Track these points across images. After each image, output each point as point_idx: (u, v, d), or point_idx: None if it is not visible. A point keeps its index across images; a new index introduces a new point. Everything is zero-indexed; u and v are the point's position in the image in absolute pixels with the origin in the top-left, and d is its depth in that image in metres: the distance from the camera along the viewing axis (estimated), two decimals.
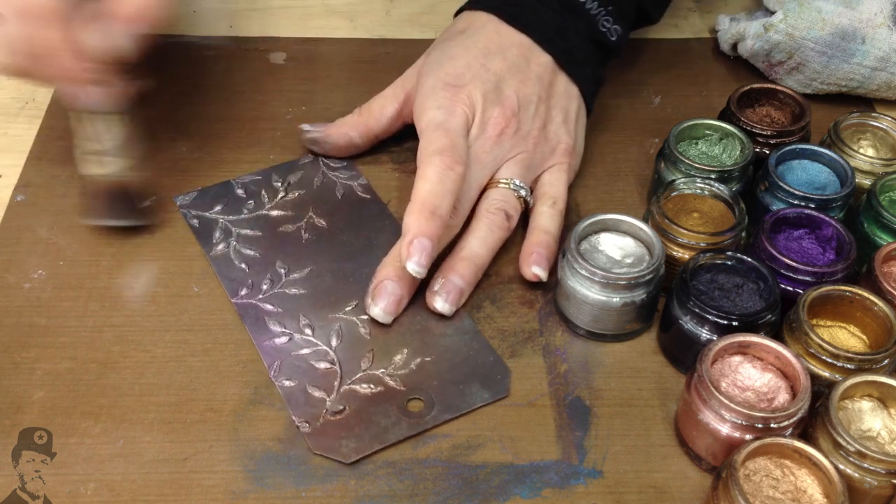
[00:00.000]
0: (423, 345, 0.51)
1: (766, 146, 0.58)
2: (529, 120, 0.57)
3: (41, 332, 0.51)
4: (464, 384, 0.49)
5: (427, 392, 0.48)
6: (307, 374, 0.49)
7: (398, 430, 0.47)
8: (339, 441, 0.46)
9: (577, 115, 0.60)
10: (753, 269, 0.49)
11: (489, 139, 0.55)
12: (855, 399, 0.45)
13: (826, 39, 0.63)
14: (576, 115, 0.60)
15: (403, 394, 0.48)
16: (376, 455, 0.46)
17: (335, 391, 0.48)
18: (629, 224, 0.52)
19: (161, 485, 0.45)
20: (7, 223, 0.57)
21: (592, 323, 0.51)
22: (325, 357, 0.50)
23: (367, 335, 0.51)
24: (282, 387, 0.49)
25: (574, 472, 0.46)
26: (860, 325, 0.49)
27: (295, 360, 0.50)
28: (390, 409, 0.48)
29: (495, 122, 0.56)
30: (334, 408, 0.48)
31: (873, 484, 0.42)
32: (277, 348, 0.50)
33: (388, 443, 0.46)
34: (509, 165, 0.56)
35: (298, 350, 0.50)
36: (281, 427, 0.47)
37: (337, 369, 0.49)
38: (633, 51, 0.72)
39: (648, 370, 0.51)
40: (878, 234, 0.53)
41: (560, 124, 0.58)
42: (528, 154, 0.56)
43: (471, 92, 0.56)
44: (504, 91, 0.56)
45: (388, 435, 0.47)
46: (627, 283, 0.49)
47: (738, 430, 0.43)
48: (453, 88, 0.56)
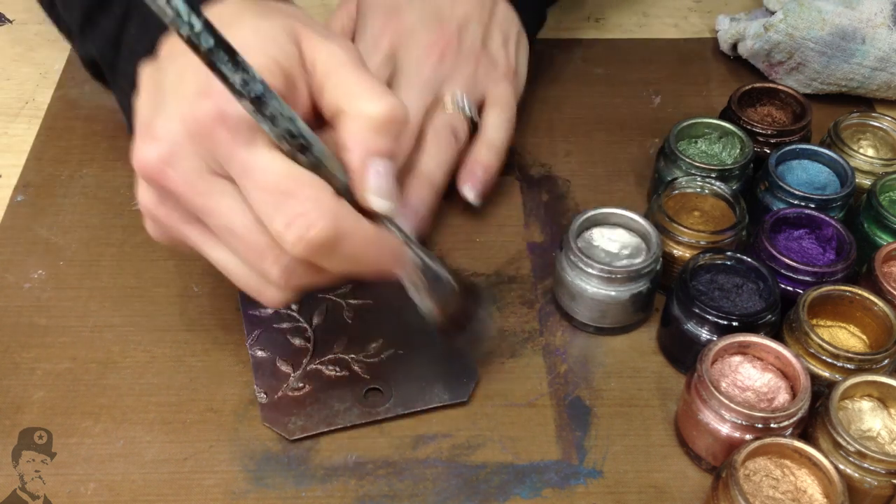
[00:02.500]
0: (400, 337, 0.51)
1: (767, 146, 0.58)
2: (470, 39, 0.57)
3: (41, 332, 0.51)
4: (426, 382, 0.49)
5: (388, 384, 0.49)
6: (281, 348, 0.50)
7: (349, 416, 0.47)
8: (289, 417, 0.47)
9: (517, 40, 0.60)
10: (753, 269, 0.49)
11: (429, 60, 0.56)
12: (855, 399, 0.45)
13: (826, 39, 0.63)
14: (516, 41, 0.60)
15: (365, 382, 0.49)
16: (376, 455, 0.46)
17: (301, 368, 0.49)
18: (619, 216, 0.52)
19: (161, 485, 0.45)
20: (7, 223, 0.57)
21: (600, 318, 0.51)
22: (302, 334, 0.50)
23: (349, 319, 0.52)
24: (254, 356, 0.49)
25: (574, 472, 0.46)
26: (860, 325, 0.49)
27: (273, 333, 0.50)
28: (347, 395, 0.48)
29: (434, 43, 0.56)
30: (295, 384, 0.48)
31: (873, 484, 0.42)
32: (260, 318, 0.51)
33: (335, 427, 0.47)
34: (453, 84, 0.56)
35: (280, 323, 0.51)
36: None
37: (310, 347, 0.50)
38: (634, 51, 0.72)
39: (648, 370, 0.51)
40: (878, 234, 0.53)
41: (500, 46, 0.59)
42: (471, 72, 0.57)
43: (405, 17, 0.56)
44: (444, 12, 0.57)
45: (337, 419, 0.47)
46: (637, 273, 0.49)
47: (738, 430, 0.43)
48: (385, 16, 0.57)
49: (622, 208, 0.52)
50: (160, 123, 0.39)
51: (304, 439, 0.46)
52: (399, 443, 0.47)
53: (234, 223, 0.39)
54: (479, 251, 0.56)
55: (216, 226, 0.40)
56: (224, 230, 0.40)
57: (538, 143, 0.64)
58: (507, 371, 0.50)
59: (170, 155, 0.39)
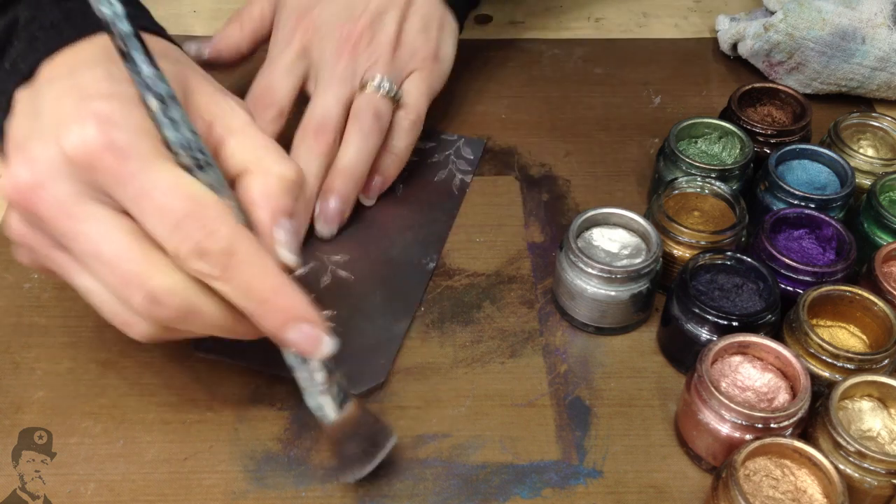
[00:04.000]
0: (348, 317, 0.51)
1: (767, 145, 0.58)
2: (384, 30, 0.58)
3: (41, 332, 0.51)
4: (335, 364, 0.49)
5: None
6: None
7: (252, 358, 0.48)
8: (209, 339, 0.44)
9: (439, 23, 0.61)
10: (753, 269, 0.49)
11: (342, 56, 0.57)
12: (855, 399, 0.45)
13: (826, 39, 0.63)
14: (438, 24, 0.60)
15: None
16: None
17: None
18: (619, 216, 0.52)
19: (161, 485, 0.45)
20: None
21: (600, 318, 0.51)
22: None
23: (326, 282, 0.53)
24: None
25: (574, 472, 0.46)
26: (860, 325, 0.49)
27: None
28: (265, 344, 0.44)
29: (345, 38, 0.57)
30: None
31: (873, 484, 0.42)
32: None
33: (231, 361, 0.49)
34: (372, 70, 0.57)
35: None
36: (281, 427, 0.47)
37: None
38: (634, 51, 0.72)
39: (648, 370, 0.51)
40: (878, 234, 0.53)
41: (419, 31, 0.59)
42: (387, 61, 0.57)
43: (317, 15, 0.58)
44: (356, 6, 0.58)
45: (239, 355, 0.48)
46: (637, 273, 0.49)
47: (738, 430, 0.43)
48: (297, 15, 0.58)
49: (622, 208, 0.52)
50: (35, 146, 0.38)
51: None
52: (399, 443, 0.47)
53: (102, 249, 0.38)
54: (479, 251, 0.56)
55: (82, 251, 0.39)
56: (90, 256, 0.39)
57: (538, 143, 0.64)
58: (507, 371, 0.50)
59: (43, 178, 0.38)
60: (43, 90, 0.40)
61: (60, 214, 0.38)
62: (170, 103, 0.38)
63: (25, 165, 0.38)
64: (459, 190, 0.60)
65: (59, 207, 0.38)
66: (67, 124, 0.37)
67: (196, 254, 0.37)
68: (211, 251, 0.37)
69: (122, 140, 0.37)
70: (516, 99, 0.67)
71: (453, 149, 0.63)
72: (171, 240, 0.37)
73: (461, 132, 0.64)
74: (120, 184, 0.37)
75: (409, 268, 0.55)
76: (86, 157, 0.37)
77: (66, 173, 0.38)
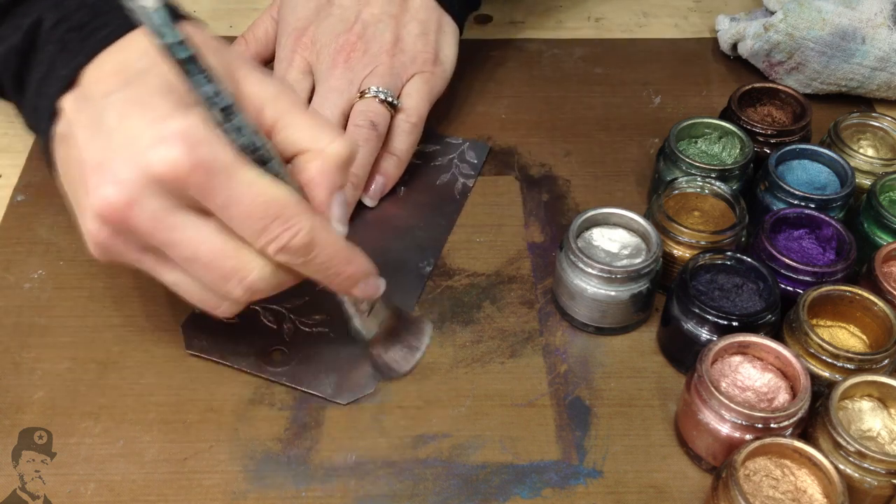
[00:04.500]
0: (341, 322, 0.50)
1: (767, 145, 0.58)
2: (378, 38, 0.58)
3: (41, 332, 0.51)
4: (324, 370, 0.49)
5: (295, 353, 0.50)
6: None
7: (243, 361, 0.49)
8: (200, 334, 0.48)
9: (437, 27, 0.61)
10: (753, 269, 0.49)
11: (338, 67, 0.57)
12: (855, 399, 0.45)
13: (826, 39, 0.63)
14: (437, 27, 0.61)
15: (280, 342, 0.50)
16: (376, 455, 0.46)
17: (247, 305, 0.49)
18: (619, 216, 0.52)
19: (161, 485, 0.45)
20: (7, 223, 0.57)
21: (600, 318, 0.51)
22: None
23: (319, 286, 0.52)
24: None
25: (574, 472, 0.46)
26: (860, 325, 0.49)
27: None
28: (257, 343, 0.49)
29: (338, 50, 0.58)
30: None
31: (873, 484, 0.42)
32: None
33: (223, 362, 0.49)
34: (369, 79, 0.58)
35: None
36: (281, 427, 0.47)
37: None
38: (634, 51, 0.72)
39: (648, 370, 0.51)
40: (878, 234, 0.53)
41: (417, 36, 0.60)
42: (385, 66, 0.58)
43: (313, 32, 0.59)
44: (349, 19, 0.59)
45: (231, 358, 0.49)
46: (637, 273, 0.49)
47: (738, 430, 0.43)
48: (295, 34, 0.59)
49: (622, 208, 0.52)
50: (119, 168, 0.39)
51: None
52: (399, 443, 0.47)
53: (199, 253, 0.40)
54: (479, 251, 0.56)
55: (179, 256, 0.41)
56: (187, 259, 0.41)
57: (538, 143, 0.64)
58: (507, 371, 0.50)
59: (135, 197, 0.39)
60: (102, 106, 0.40)
61: (156, 228, 0.40)
62: (232, 113, 0.39)
63: (114, 186, 0.39)
64: (461, 194, 0.60)
65: (154, 222, 0.40)
66: (150, 146, 0.38)
67: (282, 251, 0.41)
68: (295, 247, 0.41)
69: (206, 156, 0.38)
70: (516, 99, 0.67)
71: (457, 152, 0.63)
72: (260, 240, 0.40)
73: (461, 132, 0.64)
74: (209, 195, 0.39)
75: (405, 271, 0.55)
76: (175, 176, 0.38)
77: (156, 190, 0.39)
